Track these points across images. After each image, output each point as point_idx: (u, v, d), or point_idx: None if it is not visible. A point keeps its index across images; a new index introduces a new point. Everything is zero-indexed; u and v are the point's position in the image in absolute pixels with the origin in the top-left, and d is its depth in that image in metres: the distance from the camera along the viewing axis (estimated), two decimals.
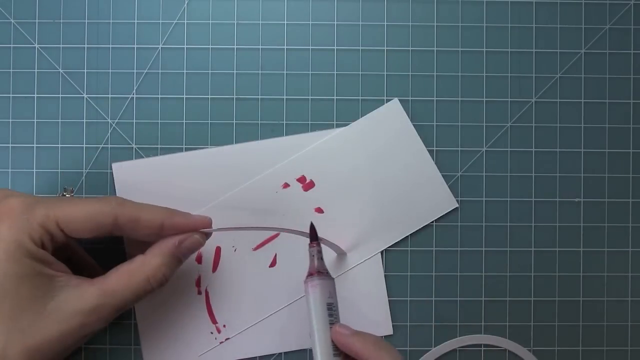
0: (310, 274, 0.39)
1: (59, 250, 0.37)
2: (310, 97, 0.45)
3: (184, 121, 0.44)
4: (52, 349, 0.34)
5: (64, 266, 0.36)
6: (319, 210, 0.44)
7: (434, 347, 0.45)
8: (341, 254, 0.44)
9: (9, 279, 0.33)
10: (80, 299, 0.34)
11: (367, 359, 0.36)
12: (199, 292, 0.44)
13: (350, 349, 0.37)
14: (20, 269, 0.33)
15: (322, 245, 0.41)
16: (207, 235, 0.40)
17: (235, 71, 0.45)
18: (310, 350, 0.43)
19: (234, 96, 0.45)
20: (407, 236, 0.45)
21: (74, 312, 0.34)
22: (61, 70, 0.44)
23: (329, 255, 0.44)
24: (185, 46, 0.45)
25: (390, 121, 0.45)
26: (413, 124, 0.45)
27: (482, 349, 0.45)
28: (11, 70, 0.44)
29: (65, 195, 0.39)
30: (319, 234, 0.40)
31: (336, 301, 0.39)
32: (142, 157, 0.44)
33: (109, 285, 0.36)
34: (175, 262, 0.38)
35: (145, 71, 0.45)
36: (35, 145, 0.44)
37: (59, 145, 0.44)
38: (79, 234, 0.36)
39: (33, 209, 0.34)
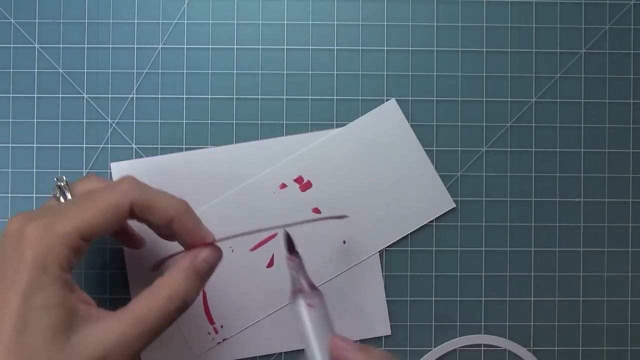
0: (299, 291, 0.36)
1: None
2: (310, 97, 0.45)
3: (184, 121, 0.45)
4: None
5: (86, 295, 0.35)
6: (316, 210, 0.44)
7: (434, 347, 0.45)
8: (343, 218, 0.43)
9: (33, 311, 0.32)
10: (103, 332, 0.33)
11: None
12: None
13: None
14: (44, 299, 0.32)
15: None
16: None
17: (235, 71, 0.45)
18: None
19: (234, 96, 0.45)
20: (407, 236, 0.45)
21: (96, 346, 0.32)
22: (61, 70, 0.44)
23: (326, 251, 0.44)
24: (185, 46, 0.45)
25: (387, 121, 0.45)
26: (413, 124, 0.45)
27: (482, 349, 0.45)
28: (11, 70, 0.44)
29: (60, 186, 0.37)
30: (317, 235, 0.40)
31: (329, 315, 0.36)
32: (142, 157, 0.44)
33: (131, 313, 0.34)
34: (195, 276, 0.36)
35: (145, 71, 0.45)
36: (35, 145, 0.44)
37: (59, 145, 0.44)
38: (102, 235, 0.35)
39: (52, 230, 0.33)
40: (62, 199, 0.37)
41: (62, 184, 0.37)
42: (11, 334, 0.31)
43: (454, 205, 0.45)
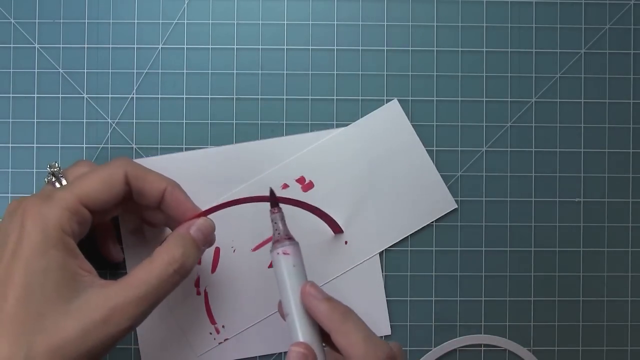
0: (277, 241, 0.37)
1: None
2: (310, 97, 0.45)
3: (184, 121, 0.45)
4: (74, 349, 0.33)
5: (89, 265, 0.35)
6: None
7: (434, 347, 0.45)
8: (338, 232, 0.44)
9: (35, 276, 0.32)
10: (105, 296, 0.34)
11: (331, 330, 0.34)
12: (198, 293, 0.44)
13: (316, 315, 0.35)
14: (46, 263, 0.33)
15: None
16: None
17: (235, 71, 0.45)
18: None
19: (234, 96, 0.45)
20: (407, 236, 0.45)
21: (99, 309, 0.33)
22: (61, 70, 0.44)
23: (327, 252, 0.44)
24: (185, 46, 0.45)
25: (389, 122, 0.45)
26: (413, 124, 0.45)
27: (482, 349, 0.45)
28: (11, 70, 0.44)
29: (54, 172, 0.38)
30: (319, 236, 0.40)
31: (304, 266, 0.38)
32: (142, 157, 0.44)
33: (132, 278, 0.35)
34: (192, 243, 0.37)
35: (145, 71, 0.45)
36: (35, 145, 0.44)
37: (59, 145, 0.44)
38: (100, 204, 0.36)
39: (53, 196, 0.34)
40: (57, 184, 0.38)
41: (55, 170, 0.39)
42: (15, 303, 0.32)
43: (456, 206, 0.45)
